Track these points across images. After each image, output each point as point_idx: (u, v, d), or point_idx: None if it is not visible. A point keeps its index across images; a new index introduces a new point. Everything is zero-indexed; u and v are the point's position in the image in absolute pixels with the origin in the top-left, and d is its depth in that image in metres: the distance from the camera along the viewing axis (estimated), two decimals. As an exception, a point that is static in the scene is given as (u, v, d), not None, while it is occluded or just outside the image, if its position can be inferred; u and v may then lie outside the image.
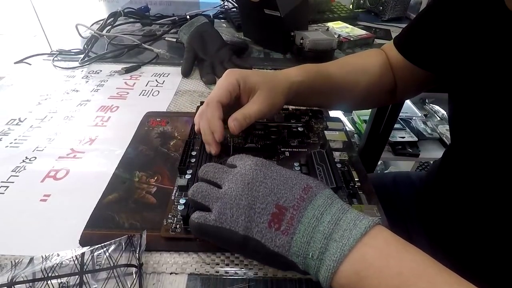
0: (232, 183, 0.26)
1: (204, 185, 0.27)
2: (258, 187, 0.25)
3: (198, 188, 0.27)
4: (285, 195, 0.24)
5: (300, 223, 0.23)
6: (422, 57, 0.44)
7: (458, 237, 0.42)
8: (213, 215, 0.25)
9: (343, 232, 0.22)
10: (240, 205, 0.24)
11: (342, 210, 0.23)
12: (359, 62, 0.48)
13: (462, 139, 0.40)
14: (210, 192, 0.26)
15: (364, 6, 1.07)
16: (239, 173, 0.26)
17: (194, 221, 0.26)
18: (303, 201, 0.24)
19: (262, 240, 0.23)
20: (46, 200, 0.35)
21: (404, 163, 1.47)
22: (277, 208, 0.24)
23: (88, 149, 0.43)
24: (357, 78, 0.46)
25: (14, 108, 0.51)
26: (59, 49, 0.69)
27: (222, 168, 0.28)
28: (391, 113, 0.98)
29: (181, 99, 0.55)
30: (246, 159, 0.29)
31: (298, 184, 0.25)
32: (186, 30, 0.67)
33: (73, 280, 0.26)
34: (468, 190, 0.39)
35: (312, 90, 0.42)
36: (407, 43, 0.46)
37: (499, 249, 0.36)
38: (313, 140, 0.42)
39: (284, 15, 0.65)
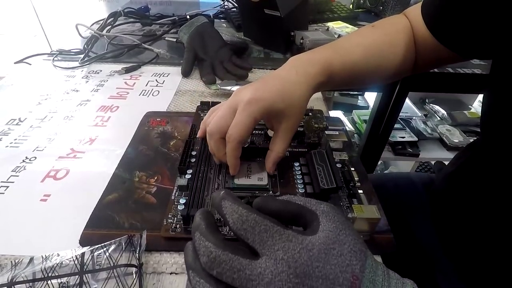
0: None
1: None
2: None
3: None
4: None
5: None
6: (458, 41, 0.39)
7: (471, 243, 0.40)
8: None
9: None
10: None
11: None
12: (385, 42, 0.43)
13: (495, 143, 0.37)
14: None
15: (364, 6, 1.07)
16: (272, 286, 0.19)
17: None
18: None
19: None
20: (46, 200, 0.35)
21: (404, 163, 1.47)
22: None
23: (88, 149, 0.43)
24: (381, 62, 0.43)
25: (14, 108, 0.51)
26: (59, 49, 0.69)
27: (243, 270, 0.19)
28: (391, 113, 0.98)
29: (181, 99, 0.55)
30: (275, 249, 0.20)
31: (346, 279, 0.19)
32: (186, 30, 0.67)
33: (73, 280, 0.26)
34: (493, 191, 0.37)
35: (334, 85, 0.41)
36: (441, 24, 0.40)
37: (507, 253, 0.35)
38: (313, 140, 0.42)
39: (284, 15, 0.65)
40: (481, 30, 0.36)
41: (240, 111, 0.32)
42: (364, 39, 0.43)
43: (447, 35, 0.40)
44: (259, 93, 0.33)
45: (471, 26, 0.37)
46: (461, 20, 0.37)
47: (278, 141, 0.35)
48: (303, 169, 0.37)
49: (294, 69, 0.36)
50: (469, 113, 1.29)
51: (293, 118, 0.35)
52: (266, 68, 0.66)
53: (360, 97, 1.47)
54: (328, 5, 0.98)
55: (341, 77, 0.40)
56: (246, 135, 0.33)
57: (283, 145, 0.35)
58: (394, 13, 0.98)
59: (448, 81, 0.84)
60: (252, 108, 0.32)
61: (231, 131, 0.32)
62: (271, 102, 0.33)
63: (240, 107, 0.32)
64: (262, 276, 0.19)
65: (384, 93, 0.93)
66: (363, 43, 0.43)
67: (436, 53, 0.42)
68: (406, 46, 0.43)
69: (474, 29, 0.37)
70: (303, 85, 0.36)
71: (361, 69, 0.42)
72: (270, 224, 0.20)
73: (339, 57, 0.40)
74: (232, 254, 0.19)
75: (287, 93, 0.34)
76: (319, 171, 0.35)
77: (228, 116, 0.33)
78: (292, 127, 0.35)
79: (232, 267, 0.19)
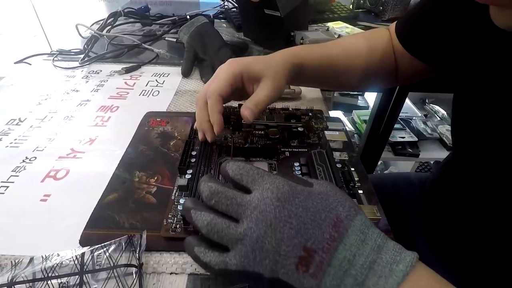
0: (252, 223, 0.22)
1: (219, 222, 0.23)
2: (282, 228, 0.22)
3: (213, 226, 0.23)
4: (313, 235, 0.21)
5: (330, 266, 0.21)
6: (425, 52, 0.42)
7: (460, 244, 0.41)
8: (234, 259, 0.22)
9: (377, 279, 0.20)
10: (263, 248, 0.21)
11: (377, 248, 0.21)
12: (361, 44, 0.47)
13: (464, 144, 0.39)
14: (227, 232, 0.23)
15: (364, 6, 1.07)
16: (258, 209, 0.22)
17: (214, 268, 0.23)
18: (334, 241, 0.21)
19: (289, 281, 0.21)
20: (46, 200, 0.35)
21: (404, 163, 1.47)
22: (304, 251, 0.21)
23: (88, 149, 0.43)
24: (358, 60, 0.46)
25: (14, 108, 0.51)
26: (59, 49, 0.69)
27: (235, 198, 0.24)
28: (391, 113, 0.98)
29: (181, 99, 0.55)
30: (262, 183, 0.24)
31: (328, 218, 0.22)
32: (186, 30, 0.67)
33: (73, 280, 0.26)
34: (472, 196, 0.38)
35: (313, 71, 0.43)
36: (408, 35, 0.44)
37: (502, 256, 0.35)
38: (313, 140, 0.42)
39: (284, 15, 0.65)
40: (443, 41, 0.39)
41: (220, 70, 0.37)
42: (344, 40, 0.47)
43: (414, 45, 0.43)
44: (238, 58, 0.38)
45: (435, 37, 0.40)
46: (425, 31, 0.41)
47: (258, 92, 0.36)
48: (303, 169, 0.37)
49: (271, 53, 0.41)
50: (469, 113, 1.29)
51: (271, 79, 0.37)
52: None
53: (360, 97, 1.47)
54: (328, 5, 0.98)
55: (320, 65, 0.43)
56: (225, 88, 0.35)
57: (262, 94, 0.36)
58: (394, 13, 0.99)
59: (448, 81, 0.84)
60: (231, 65, 0.37)
61: (210, 87, 0.36)
62: (249, 62, 0.37)
63: (220, 68, 0.37)
64: (250, 203, 0.23)
65: (384, 93, 0.93)
66: (340, 43, 0.47)
67: (412, 65, 0.45)
68: (383, 51, 0.46)
69: (436, 39, 0.40)
70: (283, 57, 0.40)
71: (338, 63, 0.44)
72: (263, 170, 0.25)
73: (317, 48, 0.44)
74: (228, 188, 0.24)
75: (268, 60, 0.39)
76: (319, 171, 0.35)
77: (211, 81, 0.37)
78: (271, 87, 0.36)
79: (226, 196, 0.24)
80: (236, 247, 0.22)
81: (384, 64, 0.47)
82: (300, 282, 0.21)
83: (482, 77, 0.33)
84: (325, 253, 0.21)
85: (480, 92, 0.33)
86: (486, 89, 0.32)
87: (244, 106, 0.35)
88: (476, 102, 0.34)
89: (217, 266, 0.22)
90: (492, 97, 0.32)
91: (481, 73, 0.33)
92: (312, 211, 0.22)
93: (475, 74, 0.34)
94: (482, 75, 0.33)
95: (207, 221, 0.23)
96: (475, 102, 0.34)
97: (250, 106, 0.35)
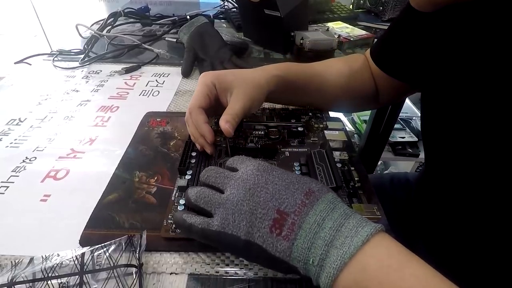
0: (234, 189, 0.26)
1: (207, 191, 0.27)
2: (259, 193, 0.25)
3: (201, 194, 0.27)
4: (286, 200, 0.24)
5: (301, 228, 0.23)
6: (395, 68, 0.44)
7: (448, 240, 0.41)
8: (216, 220, 0.25)
9: (344, 239, 0.22)
10: (241, 211, 0.24)
11: (345, 215, 0.23)
12: (341, 66, 0.48)
13: (434, 150, 0.40)
14: (212, 198, 0.26)
15: (364, 6, 1.07)
16: (241, 178, 0.26)
17: (197, 226, 0.26)
18: (305, 207, 0.24)
19: (264, 245, 0.23)
20: (46, 200, 0.35)
21: (404, 163, 1.47)
22: (278, 214, 0.24)
23: (88, 149, 0.43)
24: (340, 80, 0.47)
25: (14, 108, 0.51)
26: (59, 49, 0.69)
27: (223, 172, 0.28)
28: (391, 113, 0.98)
29: (181, 99, 0.55)
30: (248, 162, 0.29)
31: (300, 188, 0.25)
32: (186, 30, 0.67)
33: (73, 280, 0.26)
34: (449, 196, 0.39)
35: (292, 87, 0.43)
36: (381, 54, 0.47)
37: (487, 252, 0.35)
38: (313, 140, 0.42)
39: (284, 15, 0.65)
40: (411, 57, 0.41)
41: (197, 85, 0.38)
42: (322, 62, 0.49)
43: (386, 63, 0.46)
44: (211, 71, 0.39)
45: (403, 52, 0.42)
46: (395, 48, 0.44)
47: (231, 104, 0.37)
48: (303, 169, 0.37)
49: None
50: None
51: (244, 90, 0.37)
52: (266, 68, 0.66)
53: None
54: (328, 5, 0.98)
55: (300, 81, 0.44)
56: (202, 99, 0.37)
57: (236, 106, 0.36)
58: (394, 13, 0.99)
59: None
60: (204, 77, 0.38)
61: (189, 104, 0.37)
62: (221, 74, 0.39)
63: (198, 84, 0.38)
64: (235, 175, 0.27)
65: (384, 93, 0.92)
66: (321, 63, 0.48)
67: (391, 83, 0.46)
68: (362, 73, 0.48)
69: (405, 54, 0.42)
70: (258, 71, 0.41)
71: (319, 81, 0.46)
72: (252, 158, 0.30)
73: (297, 65, 0.45)
74: (219, 167, 0.29)
75: (242, 72, 0.40)
76: (319, 171, 0.35)
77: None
78: (244, 94, 0.37)
79: (217, 171, 0.29)
80: (218, 211, 0.25)
81: (364, 86, 0.49)
82: (273, 246, 0.23)
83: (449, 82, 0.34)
84: (296, 216, 0.23)
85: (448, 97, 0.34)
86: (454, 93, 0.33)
87: (222, 120, 0.35)
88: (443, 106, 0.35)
89: (200, 225, 0.25)
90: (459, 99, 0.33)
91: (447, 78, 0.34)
92: (287, 182, 0.25)
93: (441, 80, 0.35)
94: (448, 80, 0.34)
95: (196, 190, 0.27)
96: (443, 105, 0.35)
97: (228, 118, 0.35)
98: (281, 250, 0.23)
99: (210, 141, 0.37)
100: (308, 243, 0.22)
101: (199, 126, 0.36)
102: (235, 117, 0.35)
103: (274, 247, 0.23)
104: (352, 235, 0.22)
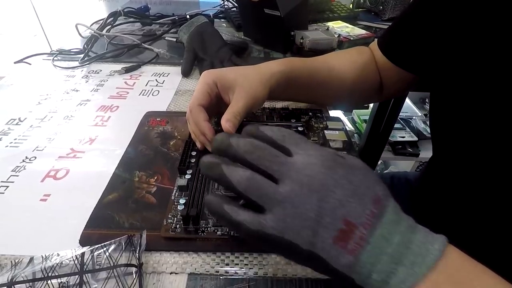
0: (296, 185, 0.21)
1: (260, 180, 0.22)
2: (327, 198, 0.21)
3: (253, 183, 0.22)
4: (355, 209, 0.21)
5: (368, 243, 0.20)
6: (405, 59, 0.44)
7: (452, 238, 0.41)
8: (271, 221, 0.21)
9: (414, 257, 0.20)
10: (306, 217, 0.21)
11: (411, 228, 0.21)
12: (345, 59, 0.48)
13: (443, 143, 0.39)
14: (268, 192, 0.21)
15: (364, 5, 1.07)
16: (304, 173, 0.22)
17: (249, 227, 0.21)
18: (374, 218, 0.21)
19: (326, 257, 0.21)
20: (46, 200, 0.35)
21: (404, 163, 1.47)
22: (345, 225, 0.20)
23: (88, 149, 0.43)
24: (342, 74, 0.46)
25: (14, 108, 0.51)
26: (59, 48, 0.69)
27: (278, 156, 0.23)
28: (391, 112, 0.98)
29: (181, 99, 0.55)
30: (305, 146, 0.24)
31: (368, 194, 0.22)
32: (186, 29, 0.67)
33: (73, 280, 0.26)
34: (454, 192, 0.39)
35: (295, 83, 0.42)
36: (390, 45, 0.46)
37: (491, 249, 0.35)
38: (313, 140, 0.42)
39: (284, 14, 0.65)
40: (422, 48, 0.40)
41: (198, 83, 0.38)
42: (324, 55, 0.48)
43: (396, 54, 0.45)
44: (212, 69, 0.39)
45: (413, 43, 0.42)
46: (405, 39, 0.43)
47: (233, 102, 0.36)
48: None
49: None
50: (469, 112, 1.29)
51: (245, 88, 0.36)
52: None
53: (360, 96, 1.47)
54: (328, 5, 0.98)
55: (303, 77, 0.43)
56: (202, 97, 0.37)
57: (239, 104, 0.35)
58: (394, 13, 0.99)
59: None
60: (205, 76, 0.38)
61: (191, 100, 0.37)
62: (223, 72, 0.38)
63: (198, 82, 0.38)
64: (293, 164, 0.22)
65: (384, 92, 0.93)
66: (323, 57, 0.48)
67: (398, 75, 0.46)
68: (366, 65, 0.48)
69: (415, 45, 0.41)
70: (260, 68, 0.39)
71: (322, 75, 0.45)
72: (303, 136, 0.25)
73: (300, 60, 0.44)
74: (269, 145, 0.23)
75: (244, 69, 0.39)
76: (319, 171, 0.35)
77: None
78: (246, 92, 0.36)
79: (270, 153, 0.23)
80: (275, 209, 0.21)
81: (370, 78, 0.48)
82: (336, 259, 0.20)
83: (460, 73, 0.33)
84: (365, 229, 0.20)
85: (458, 90, 0.34)
86: (465, 86, 0.33)
87: (223, 119, 0.34)
88: (453, 100, 0.35)
89: (253, 226, 0.21)
90: (470, 92, 0.32)
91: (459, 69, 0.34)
92: (354, 184, 0.22)
93: (453, 71, 0.35)
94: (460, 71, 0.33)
95: (246, 176, 0.22)
96: (452, 99, 0.35)
97: (229, 117, 0.34)
98: (344, 264, 0.21)
99: (210, 139, 0.36)
100: (373, 258, 0.20)
101: (199, 124, 0.36)
102: (236, 116, 0.34)
103: (336, 260, 0.21)
104: (423, 254, 0.20)
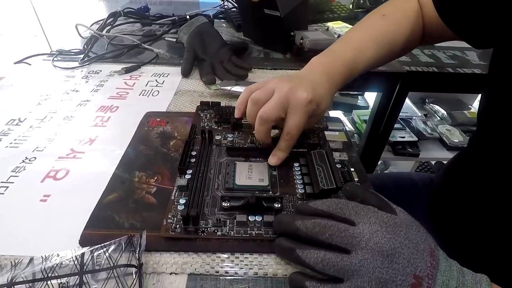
0: (368, 254, 0.24)
1: (333, 256, 0.24)
2: (397, 259, 0.24)
3: (328, 261, 0.24)
4: (419, 264, 0.24)
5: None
6: (467, 29, 0.42)
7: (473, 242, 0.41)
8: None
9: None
10: (381, 279, 0.23)
11: (460, 272, 0.25)
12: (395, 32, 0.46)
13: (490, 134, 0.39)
14: (343, 265, 0.24)
15: (364, 6, 1.07)
16: (373, 241, 0.24)
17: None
18: (433, 268, 0.24)
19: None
20: (46, 200, 0.35)
21: (404, 163, 1.47)
22: (415, 279, 0.23)
23: (88, 149, 0.43)
24: (390, 51, 0.47)
25: (14, 108, 0.51)
26: (59, 49, 0.69)
27: (347, 230, 0.25)
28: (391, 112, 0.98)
29: (181, 99, 0.55)
30: (365, 214, 0.26)
31: (426, 249, 0.25)
32: (186, 30, 0.67)
33: (73, 280, 0.26)
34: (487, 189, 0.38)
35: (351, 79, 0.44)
36: (451, 10, 0.43)
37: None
38: (313, 140, 0.42)
39: (284, 15, 0.65)
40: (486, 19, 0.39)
41: (300, 111, 0.35)
42: (374, 32, 0.46)
43: (454, 20, 0.43)
44: (312, 95, 0.36)
45: (477, 14, 0.39)
46: (467, 7, 0.40)
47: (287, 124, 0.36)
48: (303, 170, 0.37)
49: (318, 69, 0.40)
50: (469, 113, 1.29)
51: (318, 116, 0.39)
52: (266, 68, 0.66)
53: (360, 97, 1.47)
54: (328, 5, 0.98)
55: (358, 72, 0.44)
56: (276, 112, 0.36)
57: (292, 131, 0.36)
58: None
59: (448, 81, 0.84)
60: (308, 107, 0.35)
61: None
62: (318, 101, 0.37)
63: (301, 106, 0.35)
64: (362, 234, 0.25)
65: (384, 93, 0.92)
66: (374, 39, 0.45)
67: (442, 33, 0.45)
68: (414, 30, 0.47)
69: (479, 17, 0.39)
70: (327, 84, 0.39)
71: (373, 62, 0.45)
72: (358, 204, 0.27)
73: (354, 58, 0.43)
74: (335, 221, 0.26)
75: (329, 94, 0.39)
76: (319, 172, 0.35)
77: (280, 108, 0.35)
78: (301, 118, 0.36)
79: (339, 229, 0.25)
80: (353, 278, 0.23)
81: (414, 40, 0.48)
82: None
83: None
84: (430, 280, 0.23)
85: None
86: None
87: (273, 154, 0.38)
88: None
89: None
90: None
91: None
92: (414, 242, 0.25)
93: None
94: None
95: (320, 258, 0.24)
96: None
97: (278, 154, 0.37)
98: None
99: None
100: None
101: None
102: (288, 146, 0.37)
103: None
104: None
